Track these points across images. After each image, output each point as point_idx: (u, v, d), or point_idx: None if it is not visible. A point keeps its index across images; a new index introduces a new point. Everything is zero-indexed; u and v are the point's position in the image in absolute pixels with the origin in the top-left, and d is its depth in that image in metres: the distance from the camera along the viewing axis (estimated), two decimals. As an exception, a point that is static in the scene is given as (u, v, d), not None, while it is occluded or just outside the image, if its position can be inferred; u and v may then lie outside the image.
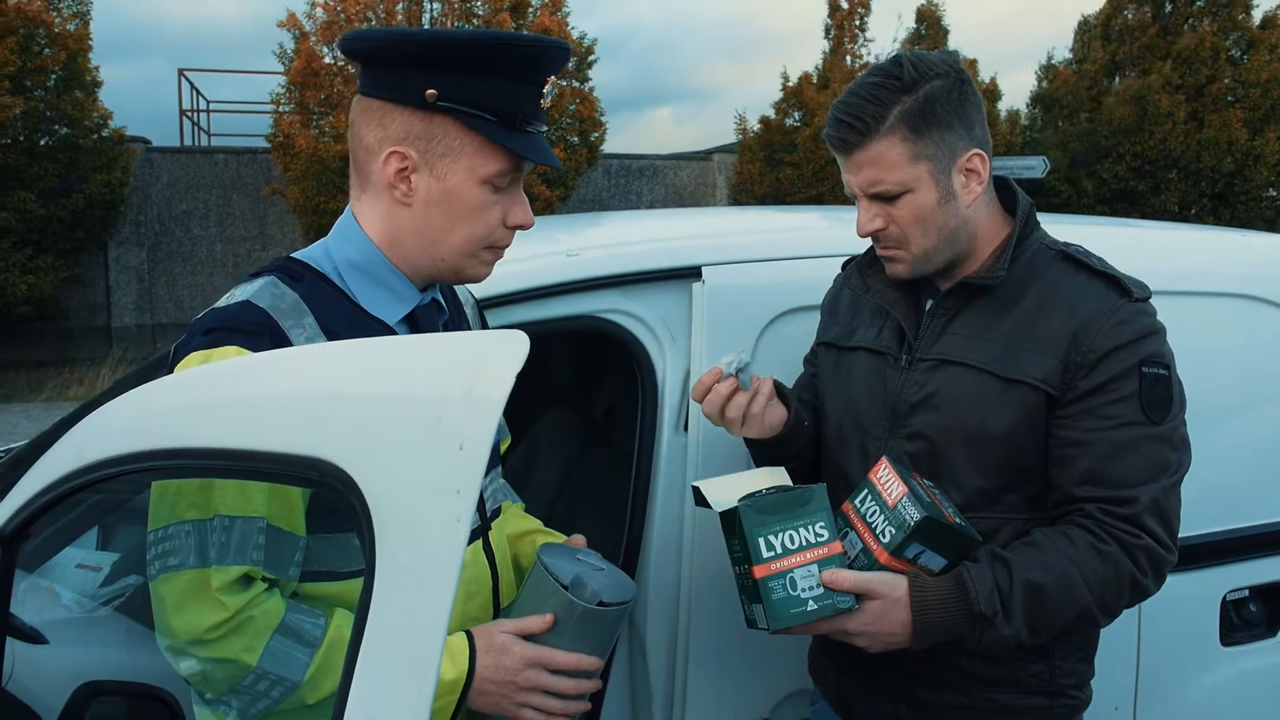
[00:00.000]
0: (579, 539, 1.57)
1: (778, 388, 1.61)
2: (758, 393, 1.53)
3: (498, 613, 1.46)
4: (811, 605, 1.38)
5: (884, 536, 1.41)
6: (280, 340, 1.24)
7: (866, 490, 1.45)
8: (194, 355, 1.23)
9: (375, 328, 1.34)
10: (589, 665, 1.36)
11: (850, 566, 1.42)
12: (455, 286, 1.59)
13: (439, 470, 0.74)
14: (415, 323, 1.41)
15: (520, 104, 1.31)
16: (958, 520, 1.42)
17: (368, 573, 0.77)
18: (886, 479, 1.43)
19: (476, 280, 1.43)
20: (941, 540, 1.40)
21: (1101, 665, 1.65)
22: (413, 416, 0.78)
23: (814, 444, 1.71)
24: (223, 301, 1.31)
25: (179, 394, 1.03)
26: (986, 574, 1.39)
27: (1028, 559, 1.41)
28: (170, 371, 1.21)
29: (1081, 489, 1.43)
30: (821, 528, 1.41)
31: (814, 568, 1.39)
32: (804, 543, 1.40)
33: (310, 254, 1.38)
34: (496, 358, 0.75)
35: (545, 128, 1.40)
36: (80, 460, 1.08)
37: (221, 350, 1.21)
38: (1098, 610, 1.42)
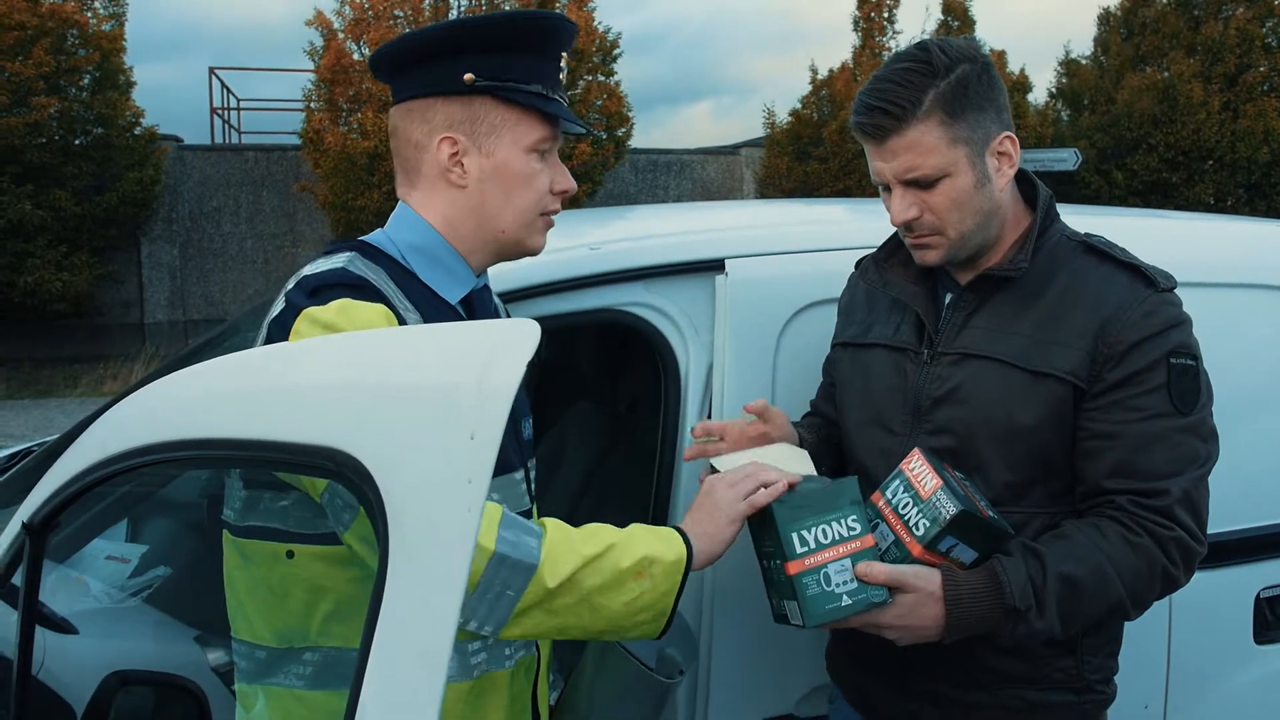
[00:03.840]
0: None
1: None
2: None
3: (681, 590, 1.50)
4: (846, 600, 1.37)
5: (917, 529, 1.39)
6: (382, 299, 1.29)
7: (899, 481, 1.43)
8: (307, 313, 1.24)
9: (444, 307, 1.40)
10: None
11: (881, 559, 1.40)
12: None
13: (451, 460, 0.74)
14: (470, 305, 1.47)
15: (543, 76, 1.40)
16: (990, 514, 1.40)
17: (381, 563, 0.77)
18: (919, 470, 1.41)
19: (535, 251, 1.48)
20: (975, 534, 1.38)
21: (1132, 663, 1.62)
22: (425, 406, 0.78)
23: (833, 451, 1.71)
24: (311, 270, 1.34)
25: (197, 386, 1.03)
26: (1019, 567, 1.38)
27: (1060, 551, 1.39)
28: (285, 339, 1.23)
29: (1111, 481, 1.41)
30: (854, 521, 1.40)
31: (847, 562, 1.38)
32: (836, 537, 1.38)
33: (373, 239, 1.44)
34: (508, 347, 0.76)
35: (567, 104, 1.47)
36: (103, 452, 1.09)
37: (330, 306, 1.24)
38: (1129, 602, 1.41)
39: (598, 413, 2.98)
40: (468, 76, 1.35)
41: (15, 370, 13.22)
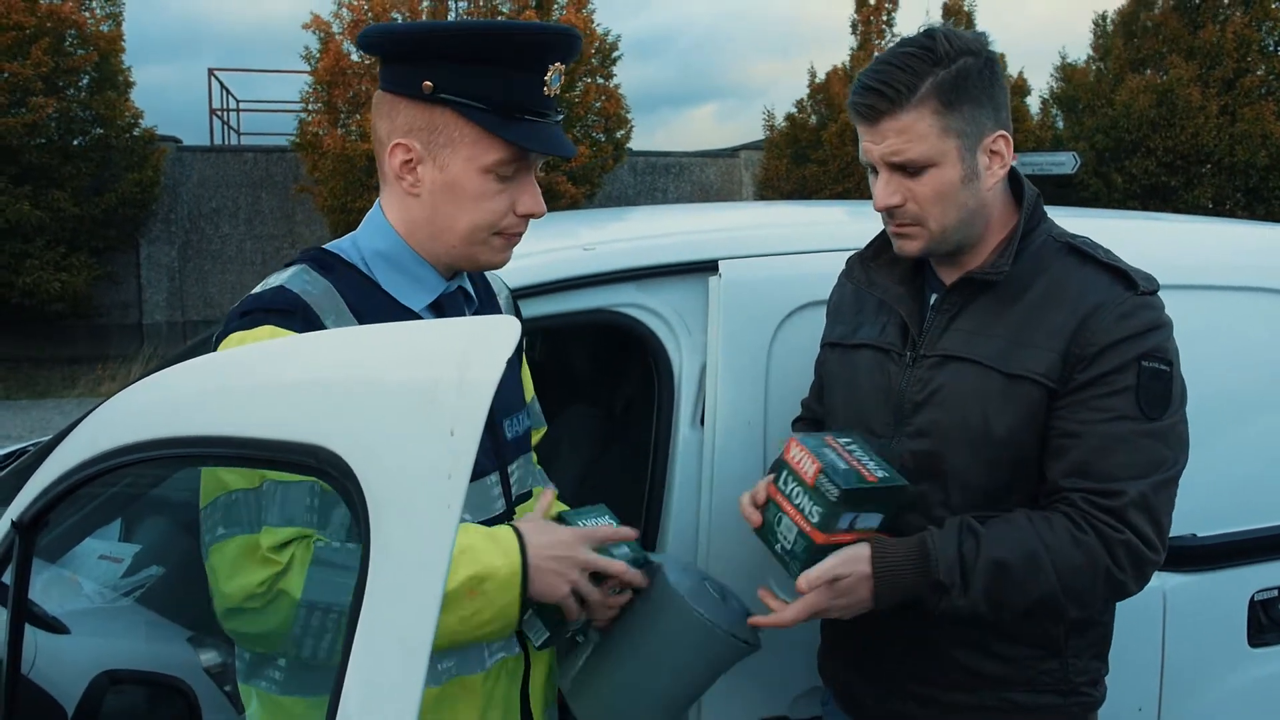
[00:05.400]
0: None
1: None
2: None
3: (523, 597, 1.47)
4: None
5: (812, 517, 1.39)
6: (312, 322, 1.28)
7: (785, 471, 1.43)
8: (232, 337, 1.28)
9: (403, 315, 1.38)
10: (632, 579, 1.39)
11: (791, 550, 1.42)
12: (487, 276, 1.60)
13: (431, 456, 0.74)
14: (441, 310, 1.43)
15: (516, 93, 1.31)
16: (880, 473, 1.40)
17: (362, 559, 0.78)
18: (799, 458, 1.41)
19: (495, 266, 1.44)
20: (869, 501, 1.39)
21: (1125, 665, 1.62)
22: (405, 402, 0.79)
23: None
24: (258, 289, 1.36)
25: (185, 384, 1.04)
26: (951, 543, 1.38)
27: (998, 534, 1.39)
28: None
29: (1068, 480, 1.41)
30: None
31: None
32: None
33: (339, 245, 1.43)
34: (487, 343, 0.76)
35: (559, 116, 1.40)
36: (93, 450, 1.09)
37: (257, 331, 1.25)
38: (1064, 597, 1.39)
39: (591, 414, 2.98)
40: (426, 85, 1.29)
41: (13, 371, 13.22)
